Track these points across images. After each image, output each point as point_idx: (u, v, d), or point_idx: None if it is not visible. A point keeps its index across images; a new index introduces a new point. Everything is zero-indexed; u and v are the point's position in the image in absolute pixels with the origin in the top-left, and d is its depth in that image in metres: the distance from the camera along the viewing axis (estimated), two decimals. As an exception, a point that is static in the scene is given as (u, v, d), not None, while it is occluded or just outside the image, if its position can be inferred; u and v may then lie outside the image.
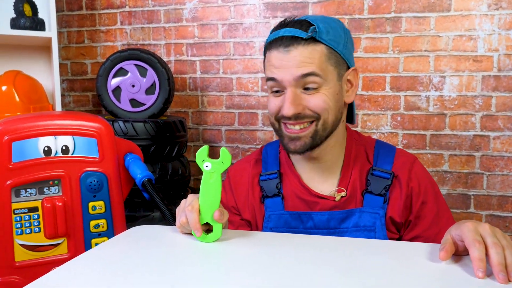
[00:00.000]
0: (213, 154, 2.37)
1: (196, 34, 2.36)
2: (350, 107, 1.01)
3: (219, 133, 2.39)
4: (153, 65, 2.00)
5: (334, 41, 0.90)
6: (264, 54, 0.96)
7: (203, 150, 0.78)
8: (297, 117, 0.90)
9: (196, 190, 2.27)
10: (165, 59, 2.41)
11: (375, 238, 0.92)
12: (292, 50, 0.88)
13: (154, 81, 2.01)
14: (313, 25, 0.88)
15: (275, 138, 2.27)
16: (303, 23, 0.90)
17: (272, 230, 0.97)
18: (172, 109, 2.44)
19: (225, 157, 0.77)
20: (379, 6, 2.08)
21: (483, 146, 2.02)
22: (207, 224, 0.79)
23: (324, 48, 0.89)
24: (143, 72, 2.02)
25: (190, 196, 0.83)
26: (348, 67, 0.95)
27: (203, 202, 0.79)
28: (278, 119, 0.94)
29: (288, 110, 0.89)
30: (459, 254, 0.70)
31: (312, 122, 0.91)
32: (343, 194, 0.95)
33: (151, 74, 2.01)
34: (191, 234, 0.81)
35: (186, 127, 2.14)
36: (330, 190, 0.97)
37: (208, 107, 2.39)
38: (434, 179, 1.11)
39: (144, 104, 2.03)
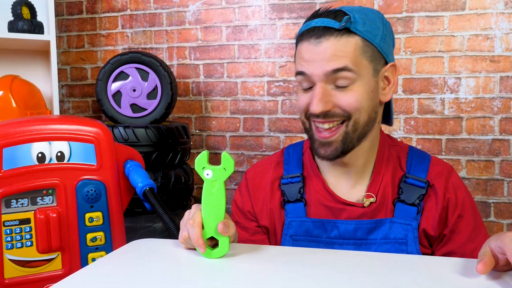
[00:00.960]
0: (217, 162, 2.28)
1: (200, 37, 2.29)
2: (387, 107, 0.92)
3: (223, 139, 2.30)
4: (155, 69, 1.92)
5: (370, 33, 0.81)
6: (296, 47, 0.89)
7: (203, 156, 0.70)
8: (325, 115, 0.82)
9: (199, 199, 2.18)
10: (167, 63, 2.33)
11: (407, 252, 0.84)
12: (323, 41, 0.80)
13: (156, 85, 1.93)
14: (348, 15, 0.80)
15: (282, 145, 2.18)
16: (337, 13, 0.82)
17: (292, 238, 0.89)
18: (175, 115, 2.35)
19: (227, 162, 0.70)
20: (389, 5, 2.00)
21: (502, 151, 1.92)
22: (213, 238, 0.72)
23: (359, 41, 0.81)
24: (144, 76, 1.93)
25: (194, 207, 0.76)
26: (386, 63, 0.86)
27: (206, 214, 0.71)
28: (308, 117, 0.86)
29: (316, 107, 0.81)
30: (499, 269, 0.62)
31: (342, 122, 0.83)
32: (372, 200, 0.87)
33: (153, 77, 1.93)
34: (195, 249, 0.74)
35: (189, 133, 2.06)
36: (358, 196, 0.89)
37: (212, 113, 2.31)
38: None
39: (145, 109, 1.94)
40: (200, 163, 0.70)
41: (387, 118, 0.94)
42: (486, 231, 0.90)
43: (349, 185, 0.91)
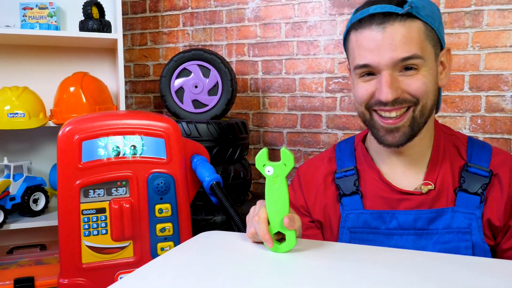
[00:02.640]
0: (274, 158, 2.30)
1: (259, 33, 2.31)
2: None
3: (280, 135, 2.31)
4: (216, 66, 1.96)
5: (431, 17, 0.81)
6: (346, 40, 0.87)
7: (263, 154, 0.71)
8: (394, 102, 0.81)
9: (256, 194, 2.20)
10: (226, 59, 2.37)
11: (471, 241, 0.82)
12: (388, 27, 0.79)
13: (217, 82, 1.97)
14: (407, 1, 0.79)
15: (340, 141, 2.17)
16: (394, 0, 0.80)
17: (350, 230, 0.89)
18: (233, 111, 2.39)
19: (287, 158, 0.70)
20: (456, -1, 1.93)
21: None
22: (279, 232, 0.73)
23: (422, 25, 0.80)
24: (206, 73, 1.98)
25: (259, 203, 0.77)
26: (442, 47, 0.85)
27: (270, 210, 0.72)
28: (369, 107, 0.85)
29: (386, 95, 0.79)
30: None
31: (408, 109, 0.82)
32: (430, 187, 0.86)
33: (214, 74, 1.97)
34: (260, 242, 0.75)
35: (248, 129, 2.09)
36: (415, 185, 0.88)
37: (269, 109, 2.33)
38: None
39: (206, 105, 1.99)
40: (261, 160, 0.71)
41: (436, 106, 0.92)
42: None
43: (405, 174, 0.89)
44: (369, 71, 0.82)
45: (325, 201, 0.94)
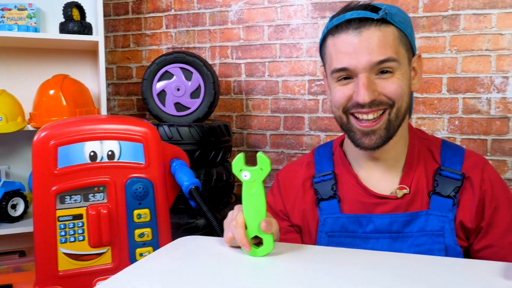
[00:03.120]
0: (256, 160, 2.30)
1: (242, 36, 2.31)
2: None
3: (263, 137, 2.32)
4: (199, 68, 1.96)
5: (403, 24, 0.85)
6: (323, 46, 0.89)
7: (239, 159, 0.72)
8: (371, 104, 0.83)
9: (240, 197, 2.21)
10: (209, 62, 2.37)
11: (444, 243, 0.84)
12: (364, 31, 0.81)
13: (199, 85, 1.97)
14: (381, 8, 0.82)
15: (322, 143, 2.18)
16: (368, 7, 0.84)
17: (328, 234, 0.90)
18: (216, 113, 2.39)
19: (264, 163, 0.71)
20: (435, 3, 1.95)
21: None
22: (257, 237, 0.73)
23: (396, 30, 0.83)
24: (188, 76, 1.98)
25: (236, 208, 0.78)
26: (413, 54, 0.89)
27: (248, 214, 0.73)
28: (347, 110, 0.86)
29: (364, 97, 0.81)
30: None
31: (383, 112, 0.84)
32: (405, 191, 0.88)
33: (196, 77, 1.97)
34: (238, 247, 0.76)
35: (231, 132, 2.09)
36: (391, 189, 0.89)
37: (252, 111, 2.33)
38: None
39: (189, 108, 1.99)
40: (237, 165, 0.72)
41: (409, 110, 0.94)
42: None
43: (382, 179, 0.91)
44: (346, 75, 0.84)
45: (303, 205, 0.95)
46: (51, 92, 1.99)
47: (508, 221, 0.86)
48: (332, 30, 0.85)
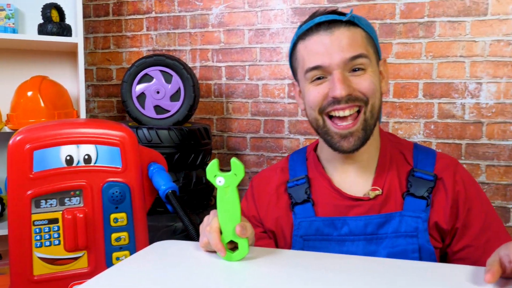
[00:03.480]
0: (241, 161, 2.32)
1: (222, 39, 2.32)
2: None
3: (244, 140, 2.33)
4: (179, 71, 1.97)
5: (369, 28, 0.89)
6: (294, 50, 0.92)
7: (213, 165, 0.73)
8: (348, 100, 0.84)
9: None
10: (190, 65, 2.37)
11: (418, 243, 0.86)
12: (335, 31, 0.85)
13: (179, 88, 1.98)
14: (346, 13, 0.87)
15: (301, 146, 2.20)
16: (335, 12, 0.88)
17: (303, 238, 0.91)
18: (197, 116, 2.40)
19: (237, 168, 0.72)
20: (411, 10, 2.00)
21: (523, 157, 1.91)
22: (232, 241, 0.75)
23: (363, 32, 0.87)
24: (168, 79, 1.98)
25: (212, 213, 0.79)
26: (379, 58, 0.92)
27: (223, 219, 0.74)
28: (323, 111, 0.87)
29: (340, 91, 0.83)
30: (507, 276, 0.63)
31: (359, 111, 0.86)
32: (378, 192, 0.89)
33: (176, 80, 1.97)
34: (213, 252, 0.77)
35: (211, 135, 2.10)
36: (364, 191, 0.91)
37: (233, 114, 2.35)
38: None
39: (168, 111, 1.99)
40: (211, 171, 0.73)
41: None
42: (500, 220, 0.92)
43: (356, 181, 0.93)
44: (320, 74, 0.86)
45: (277, 211, 0.96)
46: (29, 93, 1.98)
47: (482, 220, 0.88)
48: (302, 34, 0.88)
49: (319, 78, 0.87)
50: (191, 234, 1.11)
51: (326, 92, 0.86)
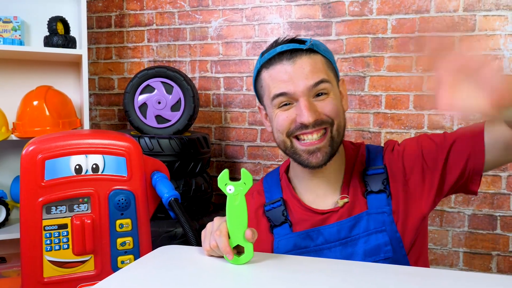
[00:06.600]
0: (236, 170, 2.40)
1: (221, 51, 2.41)
2: None
3: (241, 149, 2.41)
4: (179, 83, 2.05)
5: (327, 53, 0.95)
6: (258, 78, 0.97)
7: (224, 175, 0.79)
8: (315, 124, 0.90)
9: (218, 206, 2.29)
10: (189, 75, 2.45)
11: (388, 237, 0.92)
12: (297, 60, 0.90)
13: (180, 98, 2.06)
14: (306, 40, 0.92)
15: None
16: (295, 40, 0.94)
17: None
18: (196, 125, 2.48)
19: (247, 177, 0.78)
20: (402, 25, 2.08)
21: (509, 166, 1.99)
22: (236, 247, 0.80)
23: (323, 58, 0.93)
24: (169, 89, 2.06)
25: (217, 220, 0.84)
26: (338, 79, 0.99)
27: (231, 225, 0.79)
28: (291, 134, 0.93)
29: (308, 117, 0.88)
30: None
31: (325, 132, 0.92)
32: (346, 200, 0.96)
33: (177, 91, 2.05)
34: (220, 257, 0.82)
35: (210, 144, 2.17)
36: (334, 202, 0.98)
37: (231, 123, 2.42)
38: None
39: (169, 121, 2.07)
40: (223, 180, 0.79)
41: None
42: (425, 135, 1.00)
43: (326, 195, 0.99)
44: (286, 101, 0.92)
45: (258, 234, 1.02)
46: (35, 103, 2.05)
47: (435, 145, 0.95)
48: (266, 64, 0.94)
49: (286, 104, 0.92)
50: (189, 240, 1.18)
51: (294, 117, 0.91)
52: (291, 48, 0.91)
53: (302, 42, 0.93)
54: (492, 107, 0.57)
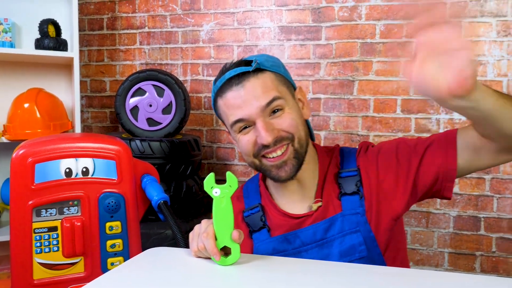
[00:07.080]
0: (225, 172, 2.41)
1: (212, 55, 2.43)
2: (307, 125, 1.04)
3: (232, 151, 2.43)
4: (170, 86, 2.06)
5: (276, 67, 0.96)
6: (216, 106, 0.99)
7: (210, 178, 0.81)
8: (275, 142, 0.92)
9: (209, 207, 2.31)
10: (181, 78, 2.47)
11: (362, 237, 0.95)
12: (245, 84, 0.92)
13: (171, 101, 2.07)
14: (252, 60, 0.94)
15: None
16: (241, 62, 0.95)
17: None
18: (188, 127, 2.49)
19: (232, 180, 0.80)
20: (390, 31, 2.12)
21: (493, 169, 2.03)
22: (223, 248, 0.82)
23: (271, 74, 0.95)
24: (160, 92, 2.08)
25: (204, 222, 0.86)
26: (294, 88, 1.00)
27: (218, 226, 0.81)
28: (257, 155, 0.95)
29: (266, 138, 0.91)
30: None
31: (287, 145, 0.94)
32: (320, 204, 0.98)
33: (168, 94, 2.07)
34: (207, 258, 0.83)
35: (201, 146, 2.19)
36: (309, 206, 1.00)
37: (222, 126, 2.44)
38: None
39: (160, 123, 2.08)
40: (209, 183, 0.81)
41: (310, 135, 1.05)
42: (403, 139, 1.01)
43: (300, 200, 1.01)
44: (245, 125, 0.94)
45: None
46: (26, 105, 2.05)
47: (410, 149, 0.96)
48: (219, 91, 0.96)
49: (245, 127, 0.94)
50: (178, 241, 1.20)
51: (254, 139, 0.93)
52: (238, 73, 0.93)
53: (248, 63, 0.94)
54: (452, 89, 0.61)
